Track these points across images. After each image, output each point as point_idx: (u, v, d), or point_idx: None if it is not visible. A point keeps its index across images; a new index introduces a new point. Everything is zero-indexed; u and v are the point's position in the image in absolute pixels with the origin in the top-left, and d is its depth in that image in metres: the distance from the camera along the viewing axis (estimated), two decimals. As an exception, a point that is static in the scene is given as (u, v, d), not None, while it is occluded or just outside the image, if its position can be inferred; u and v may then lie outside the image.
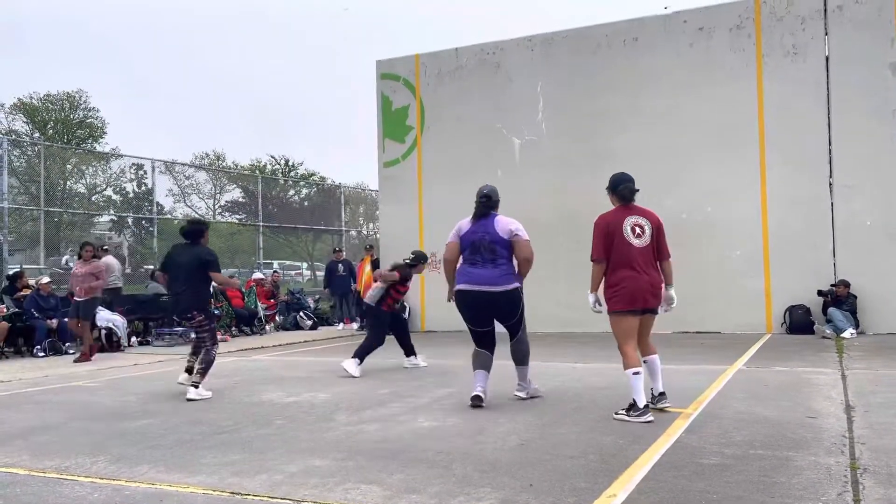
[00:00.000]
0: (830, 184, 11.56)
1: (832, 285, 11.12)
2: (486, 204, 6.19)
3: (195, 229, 7.11)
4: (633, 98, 12.87)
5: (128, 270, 15.94)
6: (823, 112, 11.61)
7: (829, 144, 11.57)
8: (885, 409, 5.22)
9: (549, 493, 3.43)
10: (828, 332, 10.66)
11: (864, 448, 4.11)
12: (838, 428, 4.64)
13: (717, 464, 3.87)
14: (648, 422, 4.91)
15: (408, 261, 8.72)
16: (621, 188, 5.76)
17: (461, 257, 6.10)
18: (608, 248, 5.49)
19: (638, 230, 5.57)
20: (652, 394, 5.37)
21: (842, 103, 11.51)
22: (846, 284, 10.96)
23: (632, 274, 5.35)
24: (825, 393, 5.96)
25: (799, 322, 11.36)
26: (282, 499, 3.45)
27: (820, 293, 11.16)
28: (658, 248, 5.61)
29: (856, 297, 10.97)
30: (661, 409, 5.28)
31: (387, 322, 8.67)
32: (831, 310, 10.82)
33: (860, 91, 11.41)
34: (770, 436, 4.47)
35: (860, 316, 10.99)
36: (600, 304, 5.52)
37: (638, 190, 5.93)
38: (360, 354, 8.30)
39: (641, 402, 5.01)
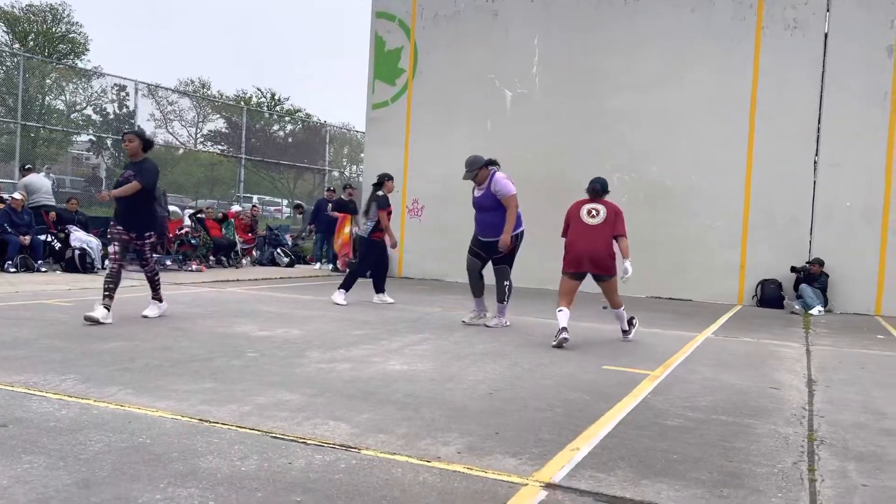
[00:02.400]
0: (816, 162, 11.62)
1: (807, 262, 11.28)
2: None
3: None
4: (630, 59, 12.73)
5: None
6: (817, 89, 11.59)
7: (819, 122, 11.58)
8: (846, 385, 5.35)
9: (514, 443, 3.49)
10: (797, 307, 10.85)
11: (823, 421, 4.22)
12: (799, 400, 4.76)
13: (680, 426, 3.95)
14: (553, 345, 6.40)
15: (374, 186, 9.27)
16: (587, 188, 7.11)
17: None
18: (567, 228, 7.09)
19: (593, 212, 6.90)
20: (622, 328, 7.17)
21: (836, 82, 11.49)
22: (820, 263, 11.12)
23: (578, 246, 6.84)
24: (789, 366, 6.09)
25: (770, 296, 11.55)
26: (250, 429, 3.48)
27: (793, 269, 11.32)
28: (614, 229, 6.81)
29: (828, 275, 11.15)
30: (559, 342, 6.42)
31: (383, 249, 9.29)
32: (803, 286, 11.00)
33: (855, 71, 11.38)
34: (733, 403, 4.57)
35: (830, 295, 11.18)
36: None
37: (604, 189, 7.08)
38: (377, 287, 9.30)
39: (559, 328, 6.50)
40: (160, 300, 7.22)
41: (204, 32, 69.25)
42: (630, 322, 7.13)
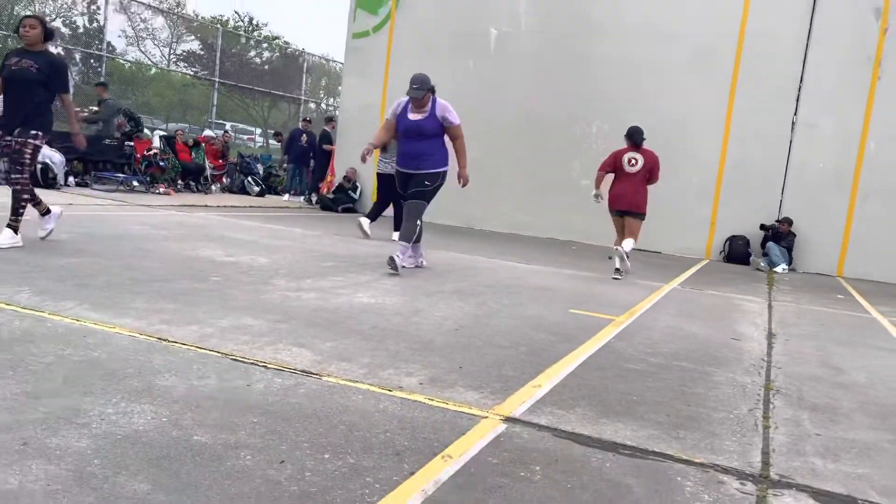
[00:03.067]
0: (794, 122, 11.62)
1: (776, 221, 11.39)
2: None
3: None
4: (616, 5, 12.49)
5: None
6: (801, 48, 11.51)
7: (801, 82, 11.55)
8: (804, 340, 5.45)
9: (477, 377, 3.48)
10: (762, 264, 11.01)
11: (780, 372, 4.29)
12: (759, 352, 4.83)
13: (641, 370, 3.99)
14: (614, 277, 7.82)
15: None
16: (627, 136, 8.36)
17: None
18: (610, 166, 8.29)
19: (633, 161, 8.16)
20: (619, 251, 7.98)
21: (821, 42, 11.41)
22: (789, 222, 11.25)
23: (618, 189, 8.20)
24: (751, 319, 6.18)
25: (737, 252, 11.69)
26: (209, 350, 3.42)
27: (762, 227, 11.44)
28: (650, 176, 8.21)
29: (795, 235, 11.29)
30: (621, 275, 7.91)
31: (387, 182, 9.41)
32: (770, 244, 11.14)
33: (841, 32, 11.30)
34: (694, 351, 4.62)
35: (795, 254, 11.35)
36: (601, 198, 8.33)
37: (643, 137, 8.32)
38: (396, 225, 9.36)
39: (616, 265, 7.98)
40: (45, 213, 6.13)
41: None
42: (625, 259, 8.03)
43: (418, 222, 6.74)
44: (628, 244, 7.94)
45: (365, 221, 9.34)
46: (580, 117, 12.80)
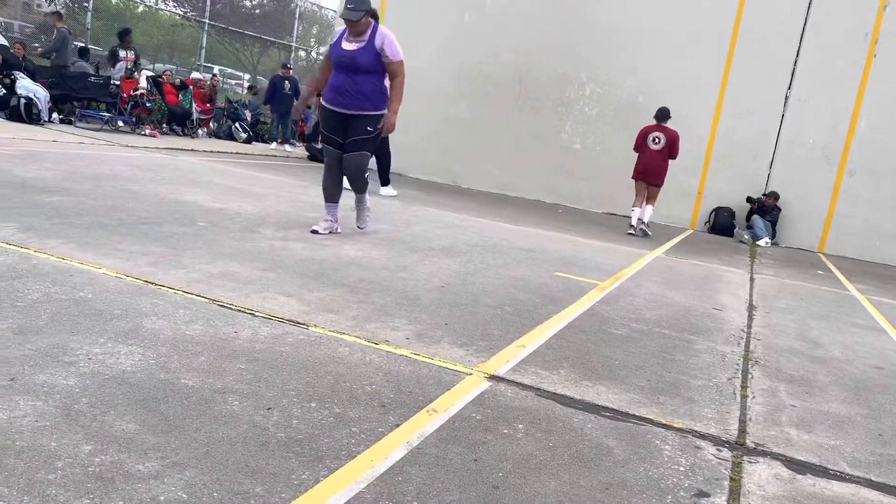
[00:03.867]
0: (787, 97, 11.61)
1: (763, 194, 11.46)
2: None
3: None
4: (620, -34, 12.30)
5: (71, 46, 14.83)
6: (800, 22, 11.44)
7: (797, 56, 11.50)
8: (784, 313, 5.53)
9: (461, 334, 3.51)
10: (746, 237, 11.11)
11: (759, 344, 4.36)
12: (739, 322, 4.90)
13: (624, 335, 4.04)
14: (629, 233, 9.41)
15: None
16: (655, 115, 9.66)
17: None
18: (640, 143, 9.66)
19: (656, 139, 9.52)
20: (640, 220, 9.60)
21: (819, 17, 11.34)
22: (776, 196, 11.32)
23: (643, 162, 9.65)
24: (733, 290, 6.26)
25: (722, 223, 11.77)
26: (196, 295, 3.41)
27: (749, 200, 11.51)
28: (670, 152, 9.54)
29: (780, 209, 11.38)
30: (635, 231, 9.58)
31: (385, 138, 9.32)
32: (755, 217, 11.23)
33: (840, 7, 11.24)
34: (676, 319, 4.68)
35: (779, 228, 11.45)
36: None
37: (668, 116, 9.61)
38: (384, 178, 9.73)
39: (632, 223, 9.62)
40: None
41: None
42: (647, 226, 9.68)
43: (367, 173, 5.90)
44: (649, 212, 9.66)
45: (386, 190, 9.74)
46: (573, 79, 12.70)
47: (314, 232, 5.60)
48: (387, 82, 5.74)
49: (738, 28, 11.72)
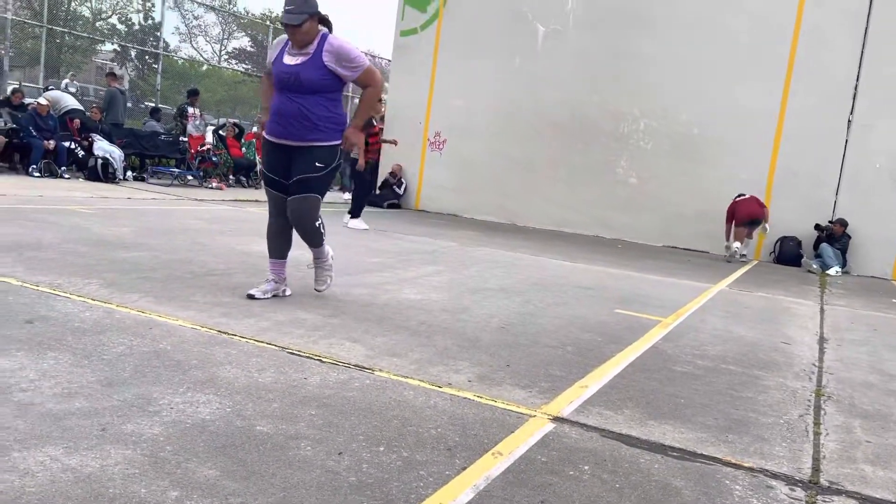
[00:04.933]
0: (849, 121, 11.35)
1: (830, 222, 11.16)
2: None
3: None
4: (669, 3, 12.35)
5: (128, 105, 15.72)
6: (858, 45, 11.23)
7: (857, 80, 11.27)
8: (858, 345, 5.37)
9: (524, 376, 3.55)
10: (814, 266, 10.80)
11: (832, 378, 4.25)
12: (810, 356, 4.78)
13: (689, 372, 4.00)
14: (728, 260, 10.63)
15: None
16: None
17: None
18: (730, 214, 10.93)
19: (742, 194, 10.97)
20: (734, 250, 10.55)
21: (878, 39, 11.12)
22: (843, 224, 11.00)
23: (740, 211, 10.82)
24: (802, 323, 6.10)
25: (788, 253, 11.48)
26: (267, 343, 3.55)
27: (817, 227, 11.22)
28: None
29: (850, 237, 11.04)
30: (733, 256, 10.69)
31: (367, 173, 9.64)
32: (823, 245, 10.92)
33: (901, 29, 11.00)
34: (743, 354, 4.60)
35: (849, 256, 11.10)
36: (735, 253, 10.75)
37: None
38: (356, 210, 9.34)
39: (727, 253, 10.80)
40: None
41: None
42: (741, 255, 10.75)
43: (318, 223, 4.66)
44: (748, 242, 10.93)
45: (356, 223, 9.48)
46: (626, 114, 12.71)
47: (250, 297, 4.46)
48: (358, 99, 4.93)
49: (794, 55, 11.57)
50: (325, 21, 4.46)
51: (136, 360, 3.05)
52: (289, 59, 4.41)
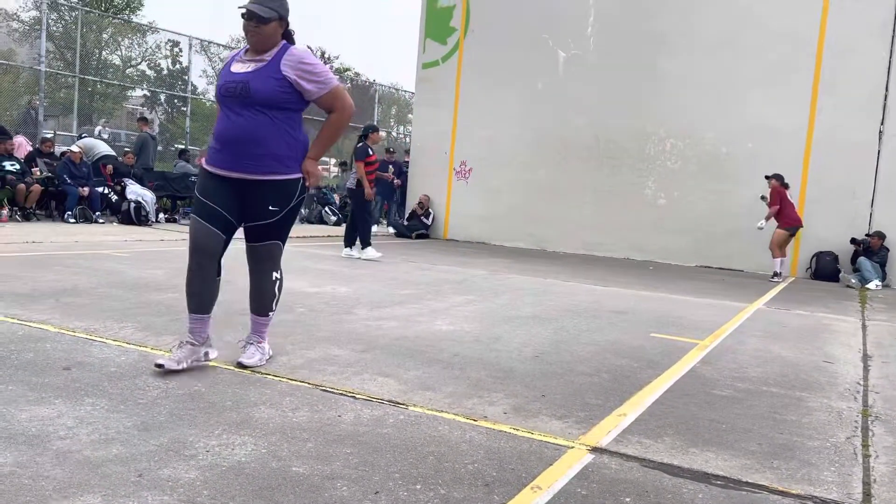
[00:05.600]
0: (881, 132, 11.17)
1: (866, 235, 10.93)
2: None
3: None
4: (689, 22, 12.35)
5: (159, 148, 16.09)
6: (885, 55, 11.09)
7: (886, 90, 11.10)
8: (903, 362, 5.21)
9: (560, 406, 3.49)
10: (853, 281, 10.55)
11: (878, 397, 4.12)
12: (854, 375, 4.65)
13: (729, 396, 3.90)
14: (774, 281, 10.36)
15: (358, 138, 9.66)
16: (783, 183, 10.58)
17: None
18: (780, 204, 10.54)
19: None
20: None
21: (907, 47, 10.96)
22: (881, 236, 10.77)
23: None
24: (844, 340, 5.95)
25: (825, 269, 11.25)
26: (300, 381, 3.55)
27: (853, 241, 10.99)
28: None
29: (888, 249, 10.80)
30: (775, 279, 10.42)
31: (368, 202, 9.50)
32: (861, 259, 10.68)
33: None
34: (784, 375, 4.48)
35: (889, 269, 10.84)
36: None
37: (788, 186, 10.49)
38: (364, 241, 9.35)
39: (776, 271, 10.54)
40: None
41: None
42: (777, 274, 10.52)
43: (276, 275, 3.79)
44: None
45: (372, 251, 9.36)
46: (652, 134, 12.65)
47: (159, 366, 3.49)
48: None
49: (820, 68, 11.45)
50: (289, 36, 3.61)
51: (172, 404, 3.07)
52: (238, 67, 3.47)
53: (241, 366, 3.69)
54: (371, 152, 9.38)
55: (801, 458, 2.99)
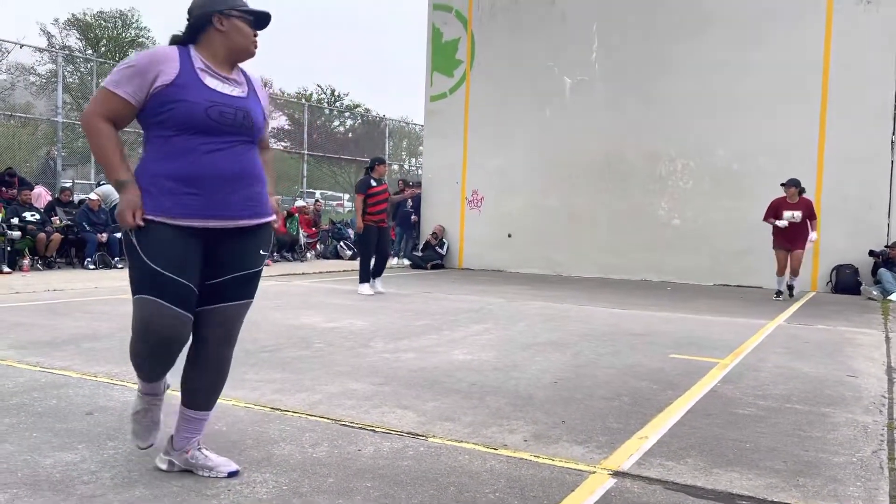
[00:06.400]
0: (893, 141, 11.12)
1: (886, 247, 10.82)
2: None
3: None
4: (693, 43, 12.42)
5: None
6: (892, 66, 11.08)
7: (895, 100, 11.08)
8: (929, 373, 5.13)
9: (581, 431, 3.47)
10: (875, 293, 10.43)
11: (904, 410, 4.06)
12: (878, 388, 4.58)
13: (752, 415, 3.86)
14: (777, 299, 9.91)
15: (364, 171, 9.64)
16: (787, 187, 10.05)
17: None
18: (772, 215, 10.06)
19: (793, 215, 9.90)
20: (787, 285, 10.00)
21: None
22: (900, 246, 10.65)
23: (781, 235, 10.03)
24: (867, 353, 5.87)
25: (846, 282, 11.13)
26: (320, 417, 3.56)
27: (871, 253, 10.89)
28: (809, 220, 9.89)
29: (908, 260, 10.67)
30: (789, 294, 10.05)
31: (372, 236, 9.33)
32: (882, 271, 10.56)
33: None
34: (808, 391, 4.43)
35: (910, 280, 10.69)
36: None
37: (803, 189, 10.05)
38: (363, 277, 9.26)
39: (778, 289, 10.06)
40: None
41: (264, 32, 70.51)
42: (791, 287, 10.02)
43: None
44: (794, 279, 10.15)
45: (363, 288, 9.24)
46: (662, 155, 12.67)
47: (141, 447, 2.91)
48: None
49: (827, 80, 11.45)
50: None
51: (193, 444, 3.08)
52: (222, 87, 2.70)
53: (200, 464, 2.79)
54: (374, 184, 9.38)
55: (826, 475, 2.95)
